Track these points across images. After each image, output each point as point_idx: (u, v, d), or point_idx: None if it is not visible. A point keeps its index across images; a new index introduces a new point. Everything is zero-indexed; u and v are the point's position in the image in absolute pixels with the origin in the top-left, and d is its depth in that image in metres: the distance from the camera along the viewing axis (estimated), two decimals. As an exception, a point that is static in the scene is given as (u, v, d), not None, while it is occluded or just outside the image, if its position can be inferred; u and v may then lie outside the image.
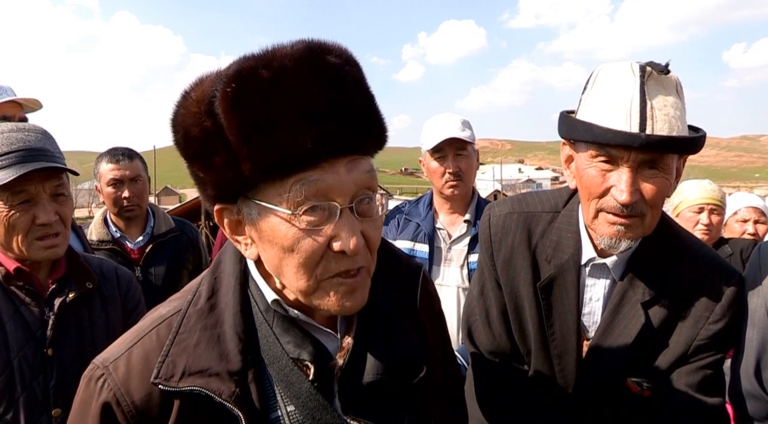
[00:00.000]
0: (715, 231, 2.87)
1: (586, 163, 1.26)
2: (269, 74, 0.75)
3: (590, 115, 1.24)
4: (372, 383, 0.88)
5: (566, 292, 1.39)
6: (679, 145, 1.18)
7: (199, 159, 0.81)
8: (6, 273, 1.46)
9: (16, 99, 2.42)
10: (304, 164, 0.76)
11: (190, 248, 2.84)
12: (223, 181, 0.79)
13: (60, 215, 1.47)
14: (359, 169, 0.80)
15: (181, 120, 0.81)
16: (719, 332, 1.30)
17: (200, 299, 0.90)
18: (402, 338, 0.93)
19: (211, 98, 0.77)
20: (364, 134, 0.81)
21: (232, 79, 0.76)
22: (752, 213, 3.13)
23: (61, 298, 1.49)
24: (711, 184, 2.97)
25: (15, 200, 1.40)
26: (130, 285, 1.68)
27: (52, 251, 1.47)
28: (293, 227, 0.78)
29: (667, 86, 1.20)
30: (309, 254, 0.78)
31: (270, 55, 0.77)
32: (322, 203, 0.77)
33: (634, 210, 1.22)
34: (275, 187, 0.77)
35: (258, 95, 0.75)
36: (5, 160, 1.38)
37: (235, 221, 0.84)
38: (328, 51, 0.79)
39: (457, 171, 2.43)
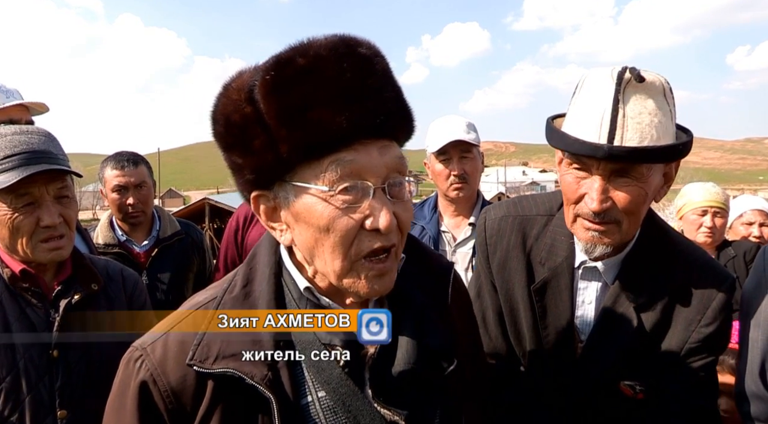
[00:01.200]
0: (718, 234, 2.87)
1: (564, 170, 1.29)
2: (305, 62, 0.81)
3: (570, 123, 1.25)
4: (403, 373, 0.89)
5: (560, 294, 1.40)
6: (648, 156, 1.17)
7: (238, 145, 0.85)
8: (12, 275, 1.47)
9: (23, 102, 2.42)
10: (339, 145, 0.80)
11: (195, 250, 2.84)
12: (261, 164, 0.84)
13: (64, 217, 1.48)
14: (390, 154, 0.85)
15: (222, 109, 0.86)
16: (711, 335, 1.30)
17: (235, 288, 0.93)
18: (433, 329, 0.95)
19: (251, 87, 0.82)
20: (394, 120, 0.86)
21: (270, 67, 0.82)
22: (758, 216, 3.12)
23: (66, 299, 1.49)
24: (715, 187, 2.97)
25: (19, 203, 1.41)
26: (136, 286, 1.68)
27: (57, 253, 1.47)
28: (329, 205, 0.81)
29: (648, 92, 1.19)
30: (344, 232, 0.82)
31: (306, 46, 0.83)
32: (357, 182, 0.82)
33: (607, 217, 1.23)
34: (311, 167, 0.82)
35: (295, 81, 0.80)
36: (9, 162, 1.39)
37: (270, 207, 0.88)
38: (359, 44, 0.85)
39: (462, 173, 2.43)
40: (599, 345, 1.36)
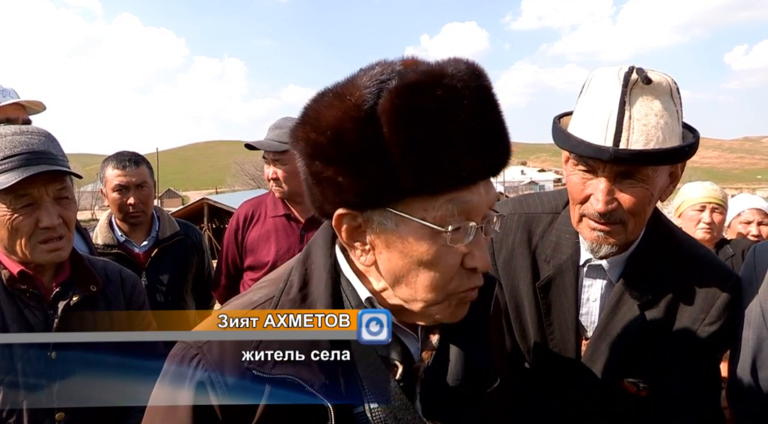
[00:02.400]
0: (716, 230, 2.88)
1: (570, 170, 1.30)
2: (442, 93, 0.76)
3: (576, 123, 1.26)
4: (451, 389, 0.89)
5: (565, 292, 1.40)
6: (654, 158, 1.18)
7: (347, 164, 0.78)
8: (10, 276, 1.46)
9: (19, 101, 2.41)
10: (460, 184, 0.78)
11: (194, 251, 2.84)
12: (369, 189, 0.78)
13: (63, 218, 1.47)
14: (492, 192, 0.84)
15: (332, 120, 0.78)
16: (715, 334, 1.30)
17: (292, 289, 0.90)
18: (480, 346, 0.95)
19: (373, 105, 0.76)
20: (505, 158, 0.84)
21: (403, 91, 0.75)
22: (756, 215, 3.13)
23: (64, 301, 1.48)
24: (713, 185, 3.00)
25: (18, 204, 1.40)
26: (135, 288, 1.67)
27: (56, 254, 1.47)
28: (436, 243, 0.79)
29: (655, 93, 1.20)
30: (447, 270, 0.81)
31: (438, 73, 0.77)
32: (466, 223, 0.80)
33: (612, 218, 1.24)
34: (423, 202, 0.78)
35: (429, 112, 0.75)
36: (8, 163, 1.38)
37: (355, 226, 0.84)
38: (483, 75, 0.81)
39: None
40: (603, 343, 1.36)
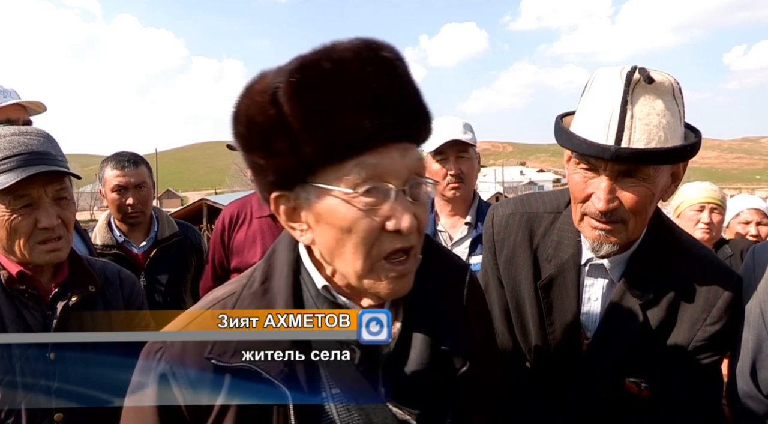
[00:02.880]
0: (715, 230, 2.88)
1: (572, 169, 1.30)
2: (330, 65, 0.82)
3: (578, 122, 1.27)
4: (416, 373, 0.90)
5: (566, 291, 1.41)
6: (655, 158, 1.18)
7: (261, 146, 0.86)
8: (9, 277, 1.46)
9: (20, 102, 2.41)
10: (363, 147, 0.82)
11: (193, 251, 2.84)
12: (284, 165, 0.85)
13: (62, 218, 1.47)
14: (410, 156, 0.86)
15: (245, 110, 0.87)
16: (716, 334, 1.30)
17: (254, 283, 0.95)
18: (447, 330, 0.96)
19: (275, 89, 0.83)
20: (416, 123, 0.88)
21: (295, 70, 0.82)
22: (754, 215, 3.14)
23: (63, 301, 1.48)
24: (712, 185, 3.00)
25: (17, 204, 1.40)
26: (133, 288, 1.67)
27: (55, 254, 1.47)
28: (352, 207, 0.83)
29: (657, 93, 1.20)
30: (366, 234, 0.84)
31: (330, 49, 0.84)
32: (379, 185, 0.83)
33: (614, 217, 1.24)
34: (334, 170, 0.83)
35: (320, 84, 0.81)
36: (7, 163, 1.38)
37: (291, 207, 0.89)
38: (381, 47, 0.85)
39: (458, 173, 2.44)
40: (605, 342, 1.37)
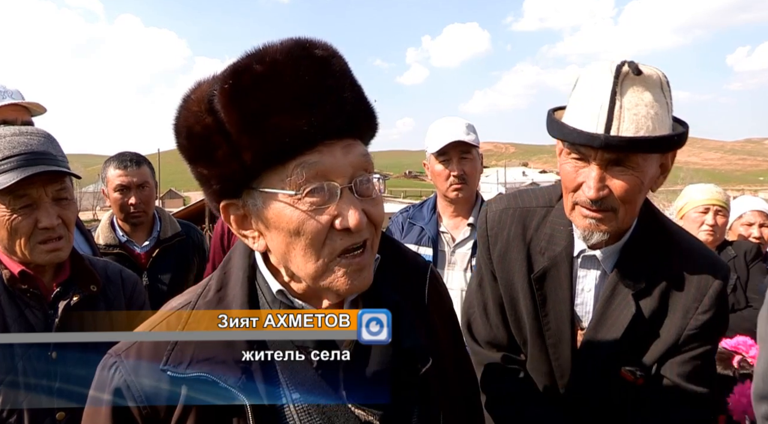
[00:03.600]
0: (719, 232, 2.87)
1: (563, 159, 1.34)
2: (262, 68, 0.81)
3: (569, 114, 1.31)
4: (377, 372, 0.89)
5: (560, 283, 1.43)
6: (643, 146, 1.21)
7: (202, 156, 0.85)
8: (11, 276, 1.46)
9: (19, 102, 2.39)
10: (302, 148, 0.80)
11: (195, 251, 2.84)
12: (226, 173, 0.83)
13: (63, 218, 1.47)
14: (355, 152, 0.85)
15: (183, 121, 0.86)
16: (708, 323, 1.34)
17: (209, 292, 0.93)
18: (408, 329, 0.95)
19: (210, 97, 0.82)
20: (356, 118, 0.86)
21: (228, 76, 0.82)
22: (758, 217, 3.13)
23: (65, 301, 1.49)
24: (716, 187, 3.00)
25: (17, 204, 1.41)
26: (135, 288, 1.68)
27: (55, 254, 1.47)
28: (297, 209, 0.82)
29: (645, 85, 1.23)
30: (314, 234, 0.82)
31: (262, 52, 0.83)
32: (323, 184, 0.82)
33: (604, 205, 1.28)
34: (277, 173, 0.82)
35: (253, 88, 0.80)
36: (8, 163, 1.39)
37: (240, 215, 0.88)
38: (314, 46, 0.85)
39: (461, 174, 2.44)
40: (599, 333, 1.39)
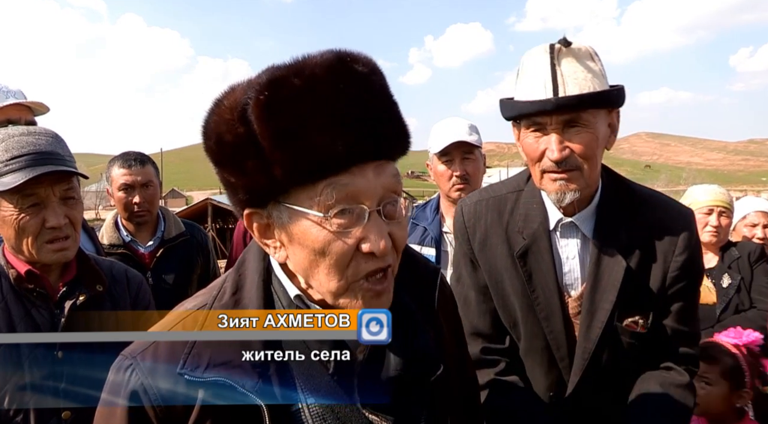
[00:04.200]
0: (723, 233, 2.87)
1: (524, 135, 1.46)
2: (301, 82, 0.78)
3: (518, 94, 1.44)
4: (391, 379, 0.89)
5: (542, 256, 1.52)
6: (589, 100, 1.36)
7: (230, 164, 0.83)
8: (17, 275, 1.47)
9: (21, 102, 2.40)
10: (335, 169, 0.79)
11: (200, 251, 2.84)
12: (254, 185, 0.82)
13: (70, 218, 1.48)
14: (386, 174, 0.83)
15: (214, 127, 0.84)
16: (686, 262, 1.47)
17: (225, 295, 0.92)
18: (420, 335, 0.95)
19: (244, 106, 0.79)
20: (391, 140, 0.84)
21: (264, 87, 0.79)
22: (761, 217, 3.12)
23: (71, 300, 1.49)
24: (720, 188, 3.00)
25: (25, 203, 1.42)
26: (140, 288, 1.68)
27: (62, 254, 1.48)
28: (324, 229, 0.80)
29: (576, 55, 1.39)
30: (340, 256, 0.81)
31: (301, 65, 0.80)
32: (352, 206, 0.80)
33: (568, 164, 1.39)
34: (306, 191, 0.80)
35: (290, 102, 0.78)
36: (16, 163, 1.39)
37: (264, 224, 0.87)
38: (355, 60, 0.82)
39: (464, 174, 2.44)
40: (598, 292, 1.48)
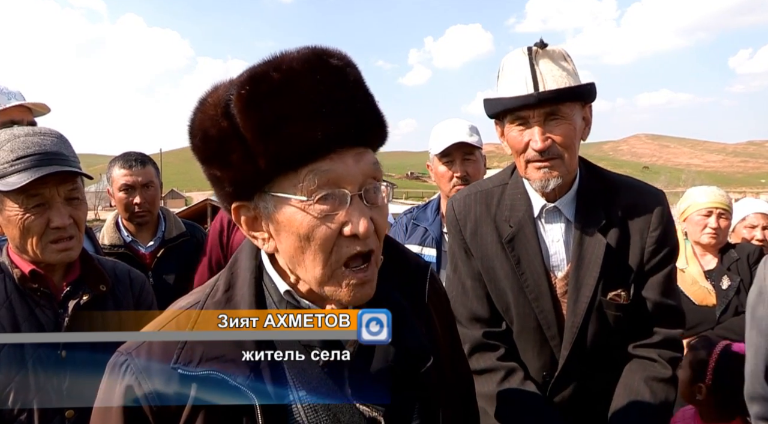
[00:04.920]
0: (722, 235, 2.87)
1: (508, 129, 1.62)
2: (279, 76, 0.83)
3: (501, 92, 1.60)
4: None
5: (528, 242, 1.66)
6: (567, 94, 1.53)
7: (216, 159, 0.88)
8: (21, 275, 1.48)
9: (24, 103, 2.41)
10: (315, 155, 0.83)
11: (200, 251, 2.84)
12: (240, 177, 0.86)
13: (74, 218, 1.49)
14: (365, 161, 0.87)
15: (199, 124, 0.88)
16: (660, 237, 1.63)
17: (218, 292, 0.95)
18: (409, 328, 0.97)
19: (227, 101, 0.84)
20: (368, 128, 0.89)
21: (245, 82, 0.84)
22: (761, 219, 3.13)
23: (75, 300, 1.51)
24: (719, 190, 2.99)
25: (30, 203, 1.43)
26: (143, 288, 1.69)
27: (66, 254, 1.49)
28: (308, 215, 0.84)
29: (552, 56, 1.56)
30: (324, 240, 0.85)
31: (279, 60, 0.85)
32: (334, 191, 0.84)
33: (551, 153, 1.55)
34: (289, 179, 0.84)
35: (270, 95, 0.83)
36: (21, 163, 1.40)
37: (251, 217, 0.91)
38: (330, 55, 0.87)
39: (464, 175, 2.45)
40: (582, 270, 1.62)
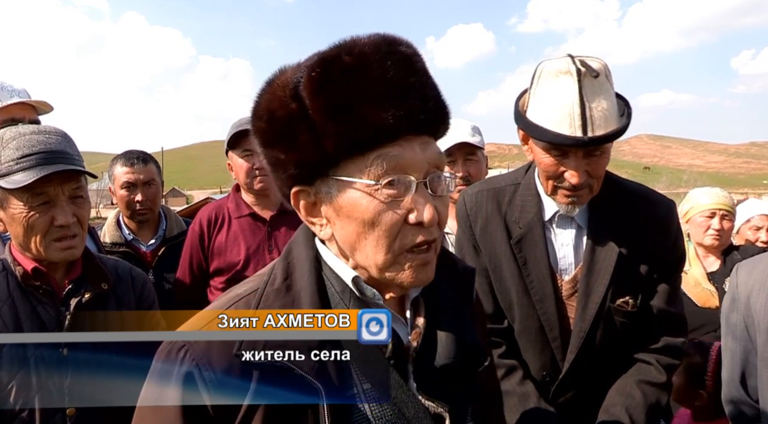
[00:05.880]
0: (725, 236, 2.86)
1: (542, 154, 1.57)
2: (351, 59, 0.83)
3: (539, 117, 1.52)
4: (444, 367, 0.91)
5: (536, 244, 1.66)
6: (613, 137, 1.51)
7: (282, 141, 0.87)
8: (24, 273, 1.48)
9: (25, 101, 2.40)
10: (385, 139, 0.82)
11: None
12: (305, 159, 0.85)
13: (78, 216, 1.49)
14: (431, 150, 0.87)
15: (265, 105, 0.88)
16: (670, 248, 1.65)
17: (276, 280, 0.92)
18: (467, 325, 0.97)
19: (296, 83, 0.84)
20: (435, 117, 0.88)
21: (316, 65, 0.84)
22: (765, 221, 3.13)
23: (76, 298, 1.50)
24: (723, 191, 2.98)
25: (34, 202, 1.43)
26: (145, 286, 1.69)
27: (69, 252, 1.49)
28: (374, 200, 0.83)
29: (600, 83, 1.49)
30: (389, 226, 0.84)
31: (350, 44, 0.85)
32: (400, 177, 0.83)
33: (582, 185, 1.55)
34: (356, 162, 0.83)
35: (341, 78, 0.82)
36: (26, 162, 1.41)
37: (311, 202, 0.90)
38: (399, 43, 0.87)
39: (466, 176, 2.45)
40: (593, 276, 1.62)
